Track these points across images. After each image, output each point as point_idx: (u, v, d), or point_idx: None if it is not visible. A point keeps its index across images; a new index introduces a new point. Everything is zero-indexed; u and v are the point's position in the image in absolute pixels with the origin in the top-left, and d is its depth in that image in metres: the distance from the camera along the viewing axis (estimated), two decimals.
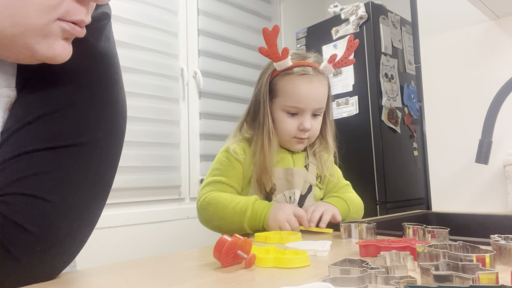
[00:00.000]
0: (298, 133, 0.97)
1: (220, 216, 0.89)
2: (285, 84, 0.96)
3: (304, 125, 0.95)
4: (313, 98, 0.95)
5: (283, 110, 0.97)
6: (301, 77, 0.95)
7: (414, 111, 2.34)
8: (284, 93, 0.96)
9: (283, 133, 0.98)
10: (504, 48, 1.13)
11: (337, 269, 0.43)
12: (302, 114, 0.96)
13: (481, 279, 0.38)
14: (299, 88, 0.94)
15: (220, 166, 0.97)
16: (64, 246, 0.48)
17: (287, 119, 0.97)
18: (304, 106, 0.95)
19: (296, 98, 0.94)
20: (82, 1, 0.44)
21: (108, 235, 1.70)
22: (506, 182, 1.06)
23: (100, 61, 0.52)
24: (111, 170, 0.54)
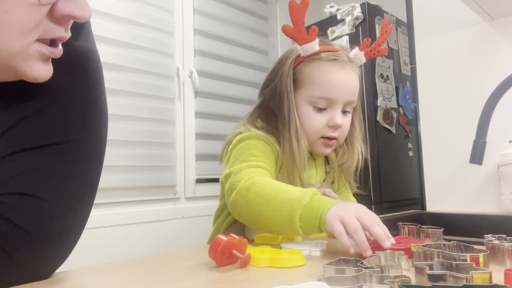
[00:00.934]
0: (327, 130, 0.81)
1: (267, 200, 0.67)
2: (312, 71, 0.80)
3: (335, 120, 0.80)
4: (346, 87, 0.80)
5: (310, 103, 0.81)
6: (332, 62, 0.80)
7: (409, 111, 2.35)
8: (311, 81, 0.80)
9: (309, 132, 0.81)
10: (499, 49, 1.14)
11: (332, 269, 0.43)
12: (332, 107, 0.81)
13: (475, 279, 0.38)
14: (330, 75, 0.79)
15: (257, 152, 0.78)
16: (57, 244, 0.48)
17: (314, 114, 0.81)
18: (335, 97, 0.79)
19: (326, 87, 0.79)
20: (60, 22, 0.44)
21: (102, 234, 1.69)
22: (499, 182, 1.07)
23: (79, 60, 0.52)
24: (98, 167, 0.54)
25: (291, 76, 0.81)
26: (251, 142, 0.80)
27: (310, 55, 0.81)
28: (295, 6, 0.74)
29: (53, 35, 0.43)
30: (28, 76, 0.44)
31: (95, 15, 1.77)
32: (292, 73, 0.82)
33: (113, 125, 1.76)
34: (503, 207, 1.05)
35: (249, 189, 0.69)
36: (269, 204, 0.66)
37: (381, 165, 2.14)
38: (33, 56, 0.43)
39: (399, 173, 2.25)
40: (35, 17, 0.40)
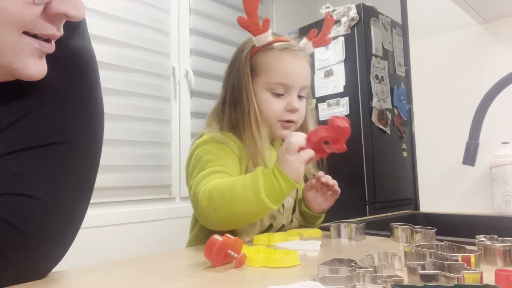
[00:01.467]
0: (286, 114, 0.86)
1: (230, 198, 0.71)
2: (268, 59, 0.85)
3: (293, 104, 0.85)
4: (300, 73, 0.86)
5: (268, 90, 0.85)
6: (285, 51, 0.85)
7: (404, 112, 2.37)
8: (268, 69, 0.85)
9: (268, 117, 0.85)
10: (492, 52, 1.15)
11: (326, 269, 0.43)
12: (289, 93, 0.86)
13: (466, 279, 0.39)
14: (285, 62, 0.84)
15: (213, 156, 0.81)
16: (53, 244, 0.48)
17: (272, 100, 0.85)
18: (292, 83, 0.84)
19: (283, 73, 0.84)
20: (53, 20, 0.44)
21: (98, 234, 1.69)
22: (492, 183, 1.08)
23: (75, 60, 0.51)
24: (94, 167, 0.54)
25: (248, 66, 0.86)
26: (206, 147, 0.83)
27: (265, 45, 0.86)
28: (249, 0, 0.78)
29: (44, 33, 0.43)
30: (22, 74, 0.44)
31: (91, 14, 1.76)
32: (249, 62, 0.86)
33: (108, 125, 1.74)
34: (495, 208, 1.06)
35: (211, 197, 0.72)
36: (235, 201, 0.70)
37: (376, 166, 2.15)
38: (25, 51, 0.43)
39: (393, 173, 2.26)
40: (30, 15, 0.40)
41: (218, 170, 0.78)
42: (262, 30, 0.83)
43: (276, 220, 0.87)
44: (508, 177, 1.03)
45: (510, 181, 1.03)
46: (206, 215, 0.74)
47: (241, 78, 0.86)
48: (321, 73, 2.35)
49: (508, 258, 0.51)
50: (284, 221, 0.90)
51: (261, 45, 0.86)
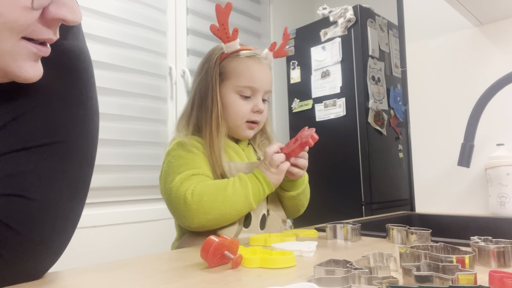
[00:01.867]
0: (252, 115, 0.93)
1: (222, 200, 0.80)
2: (237, 65, 0.93)
3: (258, 106, 0.93)
4: (265, 79, 0.94)
5: (236, 92, 0.93)
6: (252, 58, 0.94)
7: (400, 113, 2.38)
8: (236, 73, 0.92)
9: (235, 117, 0.93)
10: (487, 54, 1.16)
11: (322, 270, 0.44)
12: (255, 95, 0.94)
13: (460, 280, 0.39)
14: (252, 68, 0.93)
15: (185, 161, 0.87)
16: (48, 245, 0.48)
17: (240, 101, 0.93)
18: (258, 86, 0.93)
19: (250, 77, 0.92)
20: (49, 25, 0.44)
21: (93, 234, 1.68)
22: (487, 185, 1.09)
23: (69, 60, 0.51)
24: (89, 168, 0.54)
25: (217, 70, 0.93)
26: (176, 154, 0.89)
27: (233, 52, 0.94)
28: (221, 10, 0.86)
29: (41, 37, 0.44)
30: (19, 76, 0.44)
31: (88, 13, 1.76)
32: (218, 67, 0.94)
33: (104, 124, 1.75)
34: (490, 209, 1.07)
35: (201, 200, 0.79)
36: (226, 203, 0.81)
37: (372, 167, 2.16)
38: (22, 55, 0.43)
39: (390, 174, 2.27)
40: (27, 20, 0.40)
41: (195, 173, 0.85)
42: (231, 38, 0.91)
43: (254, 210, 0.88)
44: (502, 179, 1.04)
45: (505, 182, 1.03)
46: (193, 217, 0.80)
47: (209, 81, 0.93)
48: (318, 74, 2.36)
49: (502, 259, 0.51)
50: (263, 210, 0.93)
51: (229, 52, 0.93)
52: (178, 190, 0.82)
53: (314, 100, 2.37)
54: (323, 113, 2.32)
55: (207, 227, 0.82)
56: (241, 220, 0.88)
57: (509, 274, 0.40)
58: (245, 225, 0.89)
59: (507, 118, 1.11)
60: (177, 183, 0.83)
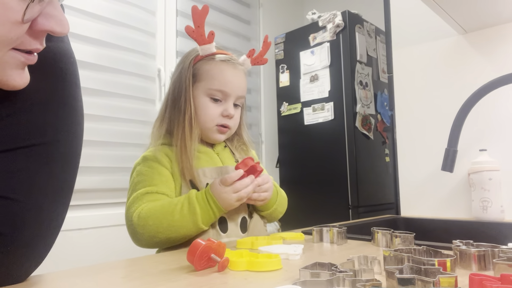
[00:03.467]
0: (222, 119, 0.92)
1: (167, 226, 0.78)
2: (210, 68, 0.92)
3: (228, 110, 0.92)
4: (237, 84, 0.93)
5: (207, 95, 0.92)
6: (226, 62, 0.93)
7: (387, 118, 2.41)
8: (209, 76, 0.92)
9: (205, 120, 0.92)
10: (471, 61, 1.19)
11: (308, 272, 0.44)
12: (226, 100, 0.93)
13: (441, 282, 0.40)
14: (225, 72, 0.92)
15: (143, 177, 0.86)
16: (33, 247, 0.48)
17: (210, 105, 0.92)
18: (230, 91, 0.92)
19: (222, 81, 0.91)
20: (37, 36, 0.44)
21: (78, 237, 1.66)
22: (470, 189, 1.11)
23: (54, 62, 0.51)
24: (73, 169, 0.54)
25: (190, 71, 0.93)
26: (138, 169, 0.89)
27: (208, 55, 0.93)
28: (197, 11, 0.85)
29: (28, 47, 0.44)
30: (7, 85, 0.44)
31: (77, 14, 1.74)
32: (192, 69, 0.93)
33: (92, 126, 1.73)
34: (473, 213, 1.09)
35: (146, 224, 0.78)
36: (172, 228, 0.79)
37: (359, 170, 2.19)
38: (10, 64, 0.43)
39: (376, 178, 2.30)
40: (17, 33, 0.41)
41: (149, 191, 0.84)
42: (207, 41, 0.90)
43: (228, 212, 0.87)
44: (485, 183, 1.06)
45: (487, 187, 1.06)
46: (139, 239, 0.81)
47: (182, 82, 0.93)
48: (307, 78, 2.37)
49: (482, 262, 0.52)
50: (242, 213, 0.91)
51: (204, 55, 0.93)
52: (128, 210, 0.83)
53: (302, 104, 2.39)
54: (311, 117, 2.34)
55: (155, 246, 0.84)
56: (214, 225, 0.86)
57: (489, 277, 0.41)
58: (222, 230, 0.87)
59: (489, 124, 1.13)
60: (129, 202, 0.84)
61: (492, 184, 1.05)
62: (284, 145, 2.52)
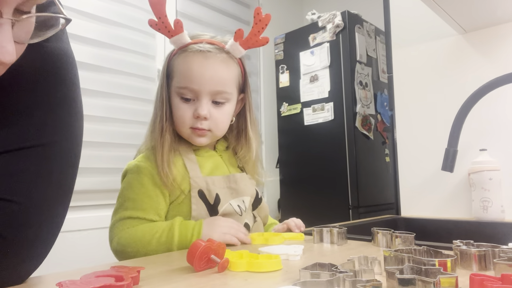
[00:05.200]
0: (194, 121, 0.82)
1: (144, 253, 0.74)
2: (178, 62, 0.82)
3: (198, 110, 0.80)
4: (208, 77, 0.80)
5: (177, 94, 0.82)
6: (195, 53, 0.81)
7: (387, 118, 2.41)
8: (177, 73, 0.82)
9: (178, 123, 0.83)
10: (471, 61, 1.19)
11: (308, 273, 0.44)
12: (198, 98, 0.81)
13: (442, 283, 0.40)
14: (191, 65, 0.80)
15: (134, 195, 0.80)
16: (33, 248, 0.48)
17: (181, 105, 0.82)
18: (198, 87, 0.80)
19: (188, 77, 0.80)
20: None
21: (79, 238, 1.66)
22: (470, 189, 1.11)
23: (53, 62, 0.51)
24: (73, 170, 0.53)
25: (165, 69, 0.84)
26: (130, 179, 0.82)
27: (181, 48, 0.83)
28: (153, 1, 0.74)
29: None
30: None
31: (77, 15, 1.74)
32: (167, 65, 0.85)
33: (92, 127, 1.73)
34: (473, 213, 1.09)
35: (124, 251, 0.76)
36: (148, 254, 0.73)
37: (359, 171, 2.18)
38: None
39: (376, 178, 2.30)
40: None
41: (132, 216, 0.78)
42: (174, 32, 0.79)
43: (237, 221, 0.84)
44: (485, 183, 1.06)
45: (487, 187, 1.06)
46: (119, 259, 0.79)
47: (160, 81, 0.86)
48: (307, 78, 2.37)
49: (483, 263, 0.52)
50: (246, 219, 0.88)
51: (178, 48, 0.83)
52: (111, 230, 0.80)
53: (302, 104, 2.39)
54: (311, 117, 2.34)
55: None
56: None
57: (489, 277, 0.41)
58: None
59: (490, 124, 1.13)
60: (113, 221, 0.80)
61: (492, 184, 1.05)
62: (284, 146, 2.52)
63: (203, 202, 0.82)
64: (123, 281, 0.41)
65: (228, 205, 0.84)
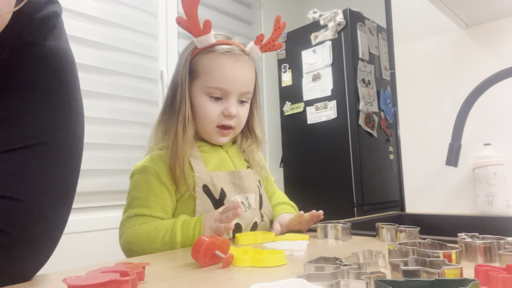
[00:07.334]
0: (222, 119, 0.84)
1: (149, 251, 0.75)
2: (207, 62, 0.83)
3: (229, 110, 0.83)
4: (239, 79, 0.84)
5: (205, 93, 0.83)
6: (226, 55, 0.83)
7: (390, 116, 2.40)
8: (206, 72, 0.83)
9: (205, 121, 0.84)
10: (473, 56, 1.18)
11: (312, 267, 0.44)
12: (227, 98, 0.84)
13: (447, 274, 0.40)
14: (223, 66, 0.82)
15: (140, 194, 0.81)
16: (37, 247, 0.48)
17: (209, 104, 0.83)
18: (230, 88, 0.83)
19: (221, 78, 0.82)
20: None
21: (84, 239, 1.67)
22: (475, 184, 1.11)
23: (51, 61, 0.51)
24: (75, 168, 0.54)
25: (187, 67, 0.84)
26: (137, 179, 0.83)
27: (206, 47, 0.84)
28: (187, 0, 0.76)
29: None
30: None
31: (79, 17, 1.75)
32: (189, 64, 0.85)
33: (95, 128, 1.74)
34: (478, 208, 1.09)
35: (131, 249, 0.77)
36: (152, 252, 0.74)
37: (363, 169, 2.18)
38: None
39: (381, 176, 2.29)
40: None
41: (139, 213, 0.79)
42: (203, 31, 0.81)
43: (241, 219, 0.84)
44: (490, 178, 1.05)
45: (492, 181, 1.05)
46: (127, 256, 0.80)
47: (178, 79, 0.85)
48: (309, 77, 2.37)
49: (488, 254, 0.52)
50: (255, 218, 0.88)
51: (202, 47, 0.84)
52: (120, 228, 0.82)
53: (305, 103, 2.38)
54: (314, 115, 2.33)
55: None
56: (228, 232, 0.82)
57: (495, 268, 0.41)
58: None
59: (493, 118, 1.13)
60: (122, 219, 0.82)
61: (497, 178, 1.05)
62: (288, 145, 2.51)
63: (208, 197, 0.82)
64: (128, 276, 0.41)
65: (234, 199, 0.85)
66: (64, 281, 0.38)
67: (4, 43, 0.46)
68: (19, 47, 0.48)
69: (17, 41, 0.48)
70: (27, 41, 0.48)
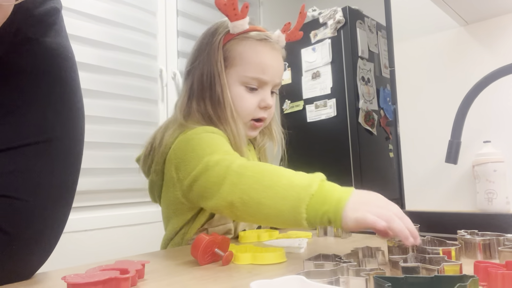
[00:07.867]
0: (258, 112, 0.78)
1: (266, 186, 0.55)
2: (244, 49, 0.76)
3: (267, 101, 0.78)
4: (276, 69, 0.78)
5: (242, 83, 0.77)
6: (263, 42, 0.77)
7: (390, 114, 2.40)
8: (243, 61, 0.76)
9: (241, 113, 0.77)
10: (473, 53, 1.18)
11: (312, 264, 0.44)
12: (263, 88, 0.78)
13: (446, 270, 0.40)
14: (262, 55, 0.76)
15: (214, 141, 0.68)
16: (37, 245, 0.48)
17: (246, 95, 0.77)
18: (267, 78, 0.77)
19: (260, 67, 0.76)
20: None
21: (84, 238, 1.67)
22: (474, 181, 1.11)
23: (51, 57, 0.51)
24: (75, 166, 0.54)
25: (221, 54, 0.77)
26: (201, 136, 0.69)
27: (240, 33, 0.77)
28: None
29: None
30: None
31: (78, 16, 1.75)
32: (222, 50, 0.77)
33: (95, 127, 1.73)
34: (478, 205, 1.09)
35: (242, 174, 0.57)
36: (269, 191, 0.54)
37: (363, 167, 2.18)
38: None
39: (381, 174, 2.29)
40: None
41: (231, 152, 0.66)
42: (240, 16, 0.75)
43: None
44: (490, 175, 1.05)
45: (492, 179, 1.05)
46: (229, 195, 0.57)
47: (212, 67, 0.76)
48: (309, 75, 2.37)
49: (487, 251, 0.52)
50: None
51: (236, 33, 0.77)
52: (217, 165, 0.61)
53: (305, 101, 2.38)
54: (314, 114, 2.33)
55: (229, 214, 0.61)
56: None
57: (494, 264, 0.41)
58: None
59: (493, 115, 1.13)
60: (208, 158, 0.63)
61: (497, 175, 1.05)
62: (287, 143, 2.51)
63: None
64: (127, 274, 0.41)
65: None
66: (63, 279, 0.39)
67: (3, 39, 0.46)
68: (19, 43, 0.48)
69: (16, 37, 0.47)
70: (27, 37, 0.48)
